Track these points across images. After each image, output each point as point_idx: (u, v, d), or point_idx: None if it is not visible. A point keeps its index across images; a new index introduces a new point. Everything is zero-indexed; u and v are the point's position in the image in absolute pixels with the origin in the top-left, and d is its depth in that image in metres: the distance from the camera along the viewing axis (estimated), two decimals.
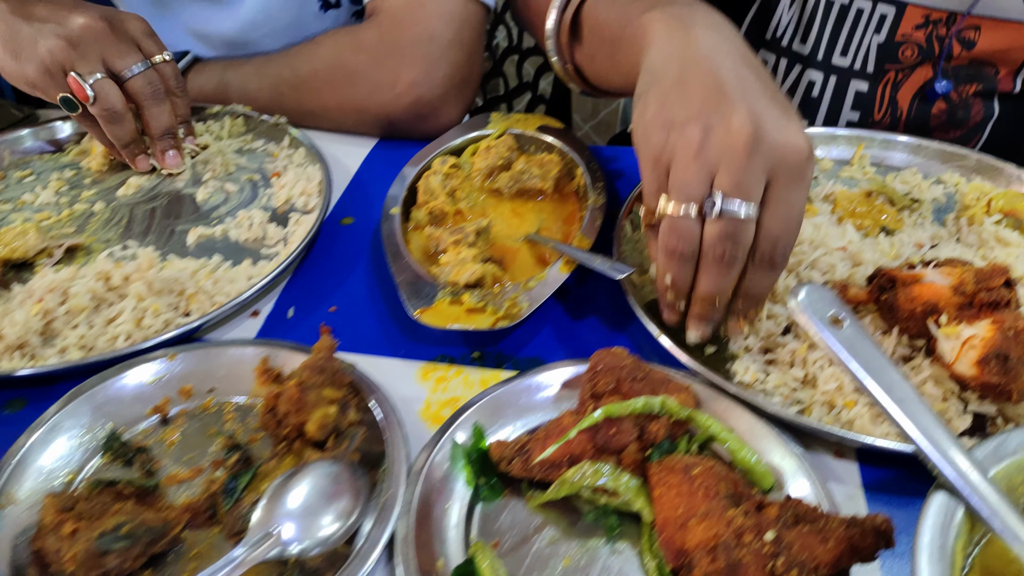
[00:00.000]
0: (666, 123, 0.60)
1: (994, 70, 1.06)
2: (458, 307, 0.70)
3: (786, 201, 0.57)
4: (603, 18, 0.79)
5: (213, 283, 0.76)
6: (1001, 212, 0.78)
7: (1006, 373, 0.58)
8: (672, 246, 0.60)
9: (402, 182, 0.86)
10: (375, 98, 0.97)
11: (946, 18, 1.01)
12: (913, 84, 1.06)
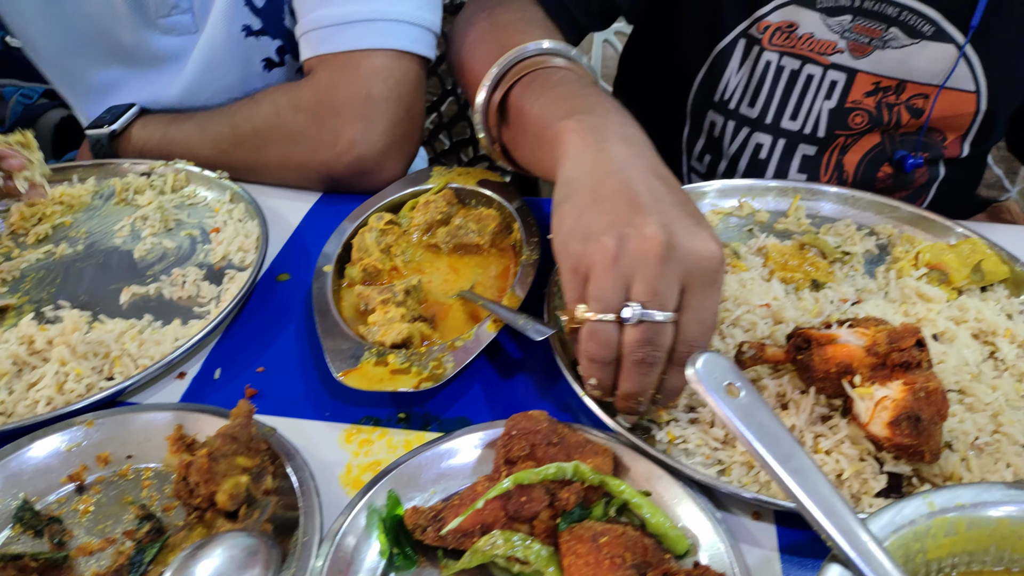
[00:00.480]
0: (583, 234, 0.61)
1: (942, 137, 1.08)
2: (383, 368, 0.70)
3: (700, 306, 0.59)
4: (527, 110, 0.79)
5: (139, 345, 0.75)
6: (927, 265, 0.79)
7: (918, 434, 0.58)
8: (592, 352, 0.61)
9: (337, 239, 0.86)
10: (316, 156, 0.98)
11: (896, 86, 1.03)
12: (860, 149, 1.08)
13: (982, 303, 0.76)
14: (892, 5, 0.97)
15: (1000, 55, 1.00)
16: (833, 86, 1.03)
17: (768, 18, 1.01)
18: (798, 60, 1.03)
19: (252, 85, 1.07)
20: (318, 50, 0.97)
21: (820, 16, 1.00)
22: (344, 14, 0.95)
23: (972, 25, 0.96)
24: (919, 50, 0.99)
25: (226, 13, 1.03)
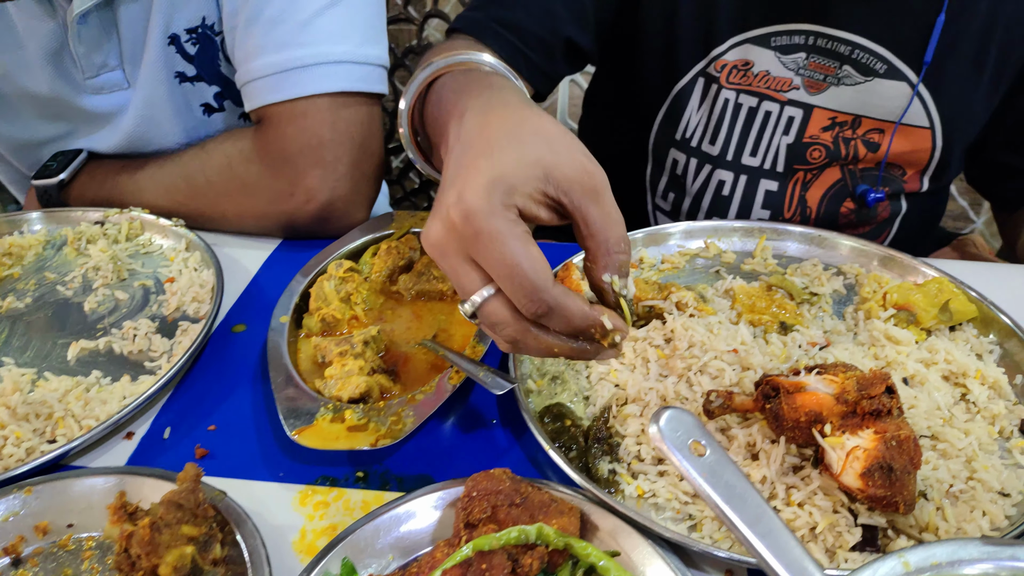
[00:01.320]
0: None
1: (901, 171, 1.09)
2: (339, 425, 0.67)
3: (492, 259, 0.53)
4: (434, 115, 0.73)
5: (84, 405, 0.72)
6: (895, 306, 0.78)
7: (891, 485, 0.56)
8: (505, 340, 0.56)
9: (295, 288, 0.84)
10: (275, 206, 0.95)
11: (852, 120, 1.03)
12: (822, 184, 1.08)
13: (951, 343, 0.75)
14: (844, 43, 0.98)
15: (952, 93, 1.01)
16: (790, 122, 1.04)
17: (724, 57, 1.02)
18: (755, 97, 1.03)
19: (195, 131, 1.06)
20: (263, 100, 0.95)
21: (775, 54, 1.01)
22: (284, 61, 0.93)
23: (925, 62, 0.97)
24: (873, 87, 0.99)
25: (158, 64, 1.01)
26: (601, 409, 0.71)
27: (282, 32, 0.93)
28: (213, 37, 1.02)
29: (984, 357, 0.75)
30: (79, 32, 0.97)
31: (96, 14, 0.97)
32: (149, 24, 0.98)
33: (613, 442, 0.68)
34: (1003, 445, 0.67)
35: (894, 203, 1.12)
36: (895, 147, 1.04)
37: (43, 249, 0.98)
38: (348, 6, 0.95)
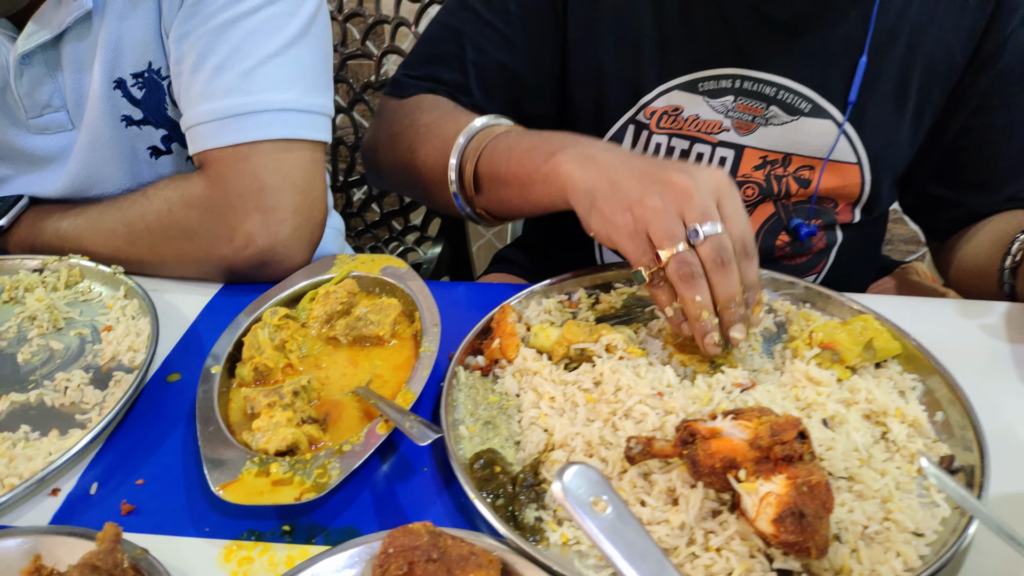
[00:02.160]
0: (624, 208, 0.76)
1: (833, 204, 1.12)
2: (264, 479, 0.67)
3: (734, 209, 0.75)
4: (502, 171, 0.91)
5: (8, 462, 0.71)
6: (820, 344, 0.80)
7: (803, 530, 0.57)
8: (686, 274, 0.73)
9: (229, 336, 0.84)
10: (215, 251, 0.95)
11: (782, 159, 1.06)
12: (757, 220, 1.11)
13: (874, 381, 0.77)
14: (770, 85, 1.01)
15: (877, 129, 1.04)
16: (723, 162, 1.06)
17: (653, 104, 1.04)
18: (687, 140, 1.06)
19: (141, 174, 1.06)
20: (206, 145, 0.96)
21: (703, 99, 1.03)
22: (228, 107, 0.94)
23: (849, 102, 1.00)
24: (800, 125, 1.02)
25: (103, 106, 1.01)
26: (530, 454, 0.72)
27: (227, 79, 0.95)
28: (160, 81, 1.02)
29: (907, 394, 0.77)
30: (21, 72, 0.98)
31: (40, 55, 0.98)
32: (94, 67, 0.99)
33: (540, 489, 0.68)
34: (921, 483, 0.68)
35: (829, 234, 1.15)
36: (825, 182, 1.07)
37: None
38: (293, 56, 0.96)
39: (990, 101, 1.07)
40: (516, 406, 0.77)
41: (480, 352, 0.84)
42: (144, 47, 1.00)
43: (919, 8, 1.01)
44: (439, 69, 1.09)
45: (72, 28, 0.97)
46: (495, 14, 1.07)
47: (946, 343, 0.83)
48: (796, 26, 1.01)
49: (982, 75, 1.05)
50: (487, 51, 1.07)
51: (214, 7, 0.94)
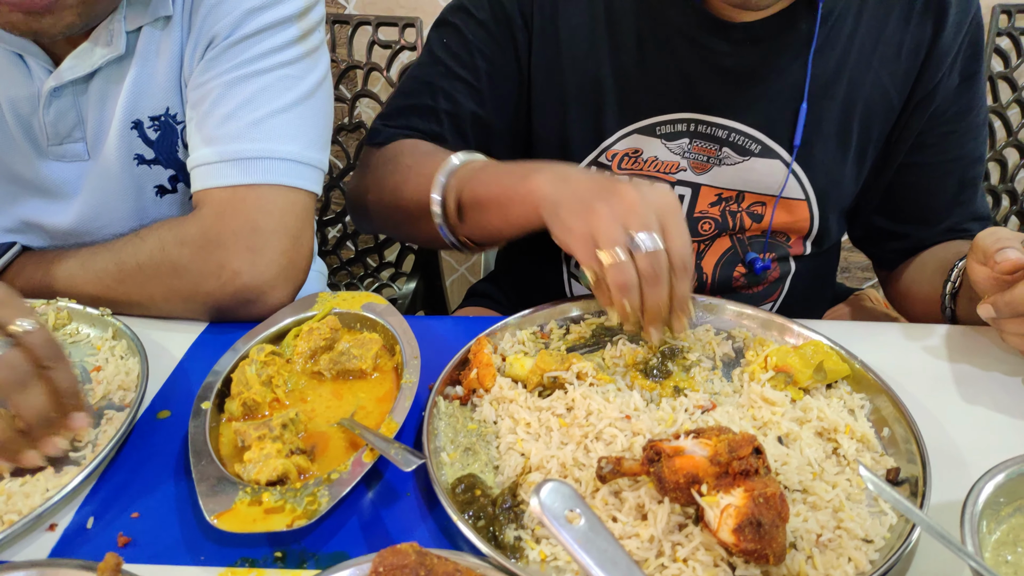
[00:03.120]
0: (580, 214, 0.83)
1: (786, 238, 1.19)
2: (257, 508, 0.70)
3: (676, 229, 0.82)
4: (484, 196, 0.98)
5: (7, 499, 0.74)
6: (775, 368, 0.86)
7: (761, 539, 0.62)
8: (621, 283, 0.80)
9: (217, 373, 0.88)
10: (201, 287, 0.99)
11: (736, 196, 1.13)
12: (715, 253, 1.18)
13: (825, 401, 0.83)
14: (722, 128, 1.08)
15: (822, 168, 1.12)
16: (681, 199, 1.13)
17: (614, 147, 1.12)
18: (647, 180, 1.13)
19: (146, 211, 1.11)
20: (207, 183, 1.01)
21: (661, 141, 1.11)
22: (233, 151, 1.00)
23: (795, 145, 1.08)
24: (751, 165, 1.10)
25: (119, 143, 1.07)
26: (509, 478, 0.76)
27: (235, 127, 1.01)
28: (174, 125, 1.09)
29: (855, 412, 0.83)
30: (51, 102, 1.03)
31: (70, 88, 1.04)
32: (117, 107, 1.05)
33: (519, 510, 0.73)
34: (870, 494, 0.74)
35: (783, 265, 1.22)
36: (777, 218, 1.14)
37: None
38: (299, 114, 1.03)
39: (926, 140, 1.16)
40: (494, 432, 0.82)
41: (458, 382, 0.89)
42: (164, 93, 1.06)
43: (856, 57, 1.10)
44: (415, 119, 1.15)
45: (103, 68, 1.03)
46: (464, 68, 1.14)
47: (892, 364, 0.90)
48: (744, 75, 1.09)
49: (917, 117, 1.14)
50: (459, 102, 1.14)
51: (232, 63, 1.01)
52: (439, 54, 1.16)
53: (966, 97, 1.15)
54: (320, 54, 1.08)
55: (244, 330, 0.96)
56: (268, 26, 1.01)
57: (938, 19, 1.09)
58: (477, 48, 1.14)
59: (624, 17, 1.10)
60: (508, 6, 1.12)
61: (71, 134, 1.06)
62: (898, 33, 1.10)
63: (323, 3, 1.10)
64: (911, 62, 1.11)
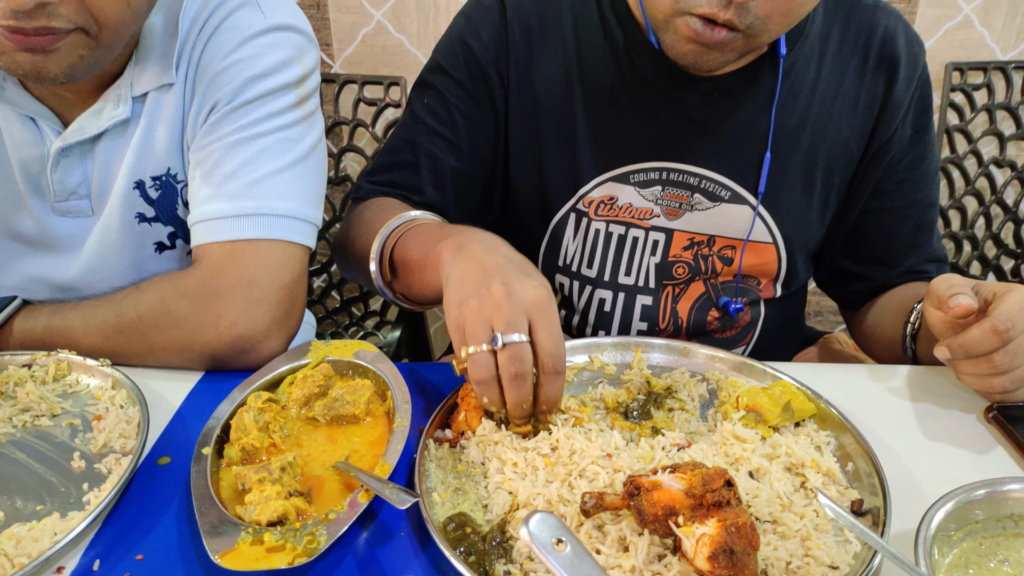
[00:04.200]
0: (458, 303, 0.85)
1: (756, 281, 1.26)
2: (259, 547, 0.74)
3: (546, 326, 0.82)
4: (409, 256, 1.02)
5: (16, 543, 0.77)
6: (746, 408, 0.91)
7: (734, 565, 0.67)
8: (478, 376, 0.82)
9: (217, 420, 0.91)
10: (198, 337, 1.04)
11: (707, 240, 1.20)
12: (689, 298, 1.24)
13: (793, 439, 0.88)
14: (693, 176, 1.16)
15: (788, 213, 1.19)
16: (656, 244, 1.20)
17: (591, 194, 1.19)
18: (623, 226, 1.20)
19: (144, 265, 1.16)
20: (208, 238, 1.06)
21: (635, 189, 1.18)
22: (233, 208, 1.05)
23: (760, 191, 1.15)
24: (721, 210, 1.17)
25: (122, 202, 1.12)
26: (497, 515, 0.80)
27: (235, 186, 1.07)
28: (175, 185, 1.15)
29: (822, 448, 0.88)
30: (58, 161, 1.09)
31: (78, 148, 1.10)
32: (121, 167, 1.11)
33: (507, 545, 0.77)
34: (836, 525, 0.79)
35: (754, 309, 1.28)
36: (746, 261, 1.21)
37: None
38: (296, 174, 1.10)
39: (883, 187, 1.24)
40: (482, 472, 0.86)
41: (448, 426, 0.93)
42: (166, 154, 1.12)
43: (817, 110, 1.18)
44: (396, 175, 1.22)
45: (109, 130, 1.09)
46: (443, 125, 1.21)
47: (857, 403, 0.96)
48: (712, 125, 1.17)
49: (874, 166, 1.22)
50: (438, 158, 1.21)
51: (234, 127, 1.07)
52: (420, 114, 1.23)
53: (919, 147, 1.23)
54: (316, 118, 1.15)
55: (239, 379, 1.00)
56: (268, 92, 1.08)
57: (890, 76, 1.18)
58: (455, 106, 1.21)
59: (597, 71, 1.18)
60: (484, 64, 1.19)
61: (76, 191, 1.11)
62: (854, 88, 1.19)
63: (319, 71, 1.18)
64: (867, 115, 1.20)
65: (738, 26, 0.96)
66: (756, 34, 0.99)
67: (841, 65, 1.18)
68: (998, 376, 0.91)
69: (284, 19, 1.11)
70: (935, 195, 1.29)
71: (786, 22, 1.00)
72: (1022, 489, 0.72)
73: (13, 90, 1.05)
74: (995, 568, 0.69)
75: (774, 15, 0.97)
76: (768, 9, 0.96)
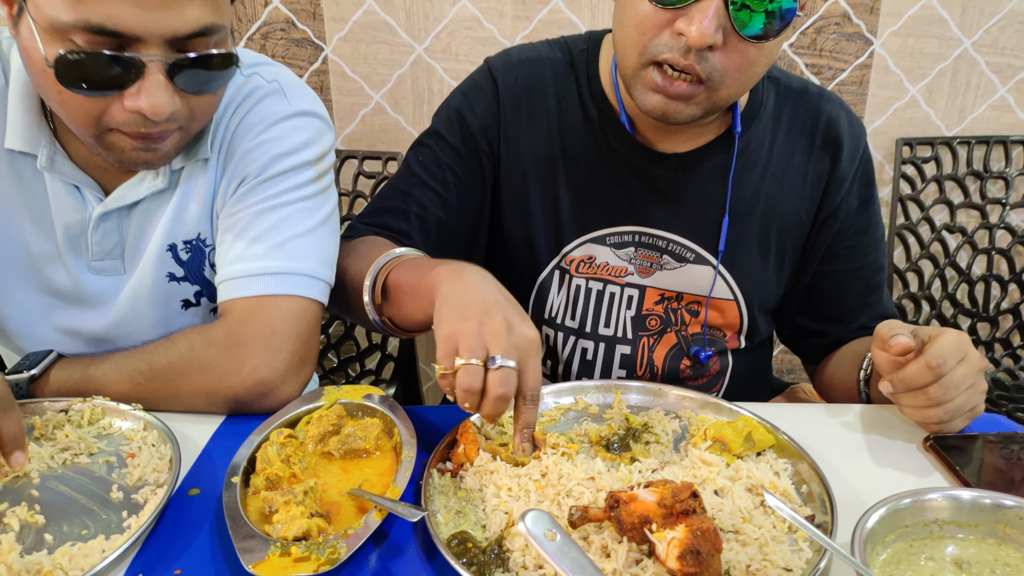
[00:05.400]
0: (456, 319, 0.95)
1: (722, 333, 1.39)
2: (287, 558, 0.84)
3: (532, 366, 0.94)
4: (402, 281, 1.15)
5: (69, 559, 0.86)
6: (712, 438, 1.03)
7: (700, 564, 0.78)
8: (467, 383, 0.92)
9: (243, 453, 1.02)
10: (223, 382, 1.15)
11: (675, 296, 1.34)
12: (664, 347, 1.37)
13: (754, 464, 1.00)
14: (661, 239, 1.31)
15: (746, 273, 1.34)
16: (631, 299, 1.34)
17: (572, 254, 1.33)
18: (601, 282, 1.34)
19: (170, 321, 1.28)
20: (234, 294, 1.19)
21: (611, 249, 1.32)
22: (258, 268, 1.19)
23: (720, 252, 1.30)
24: (687, 270, 1.32)
25: (154, 262, 1.25)
26: (495, 532, 0.91)
27: (260, 248, 1.21)
28: (204, 248, 1.28)
29: (780, 474, 1.00)
30: (99, 224, 1.22)
31: (116, 213, 1.23)
32: (155, 231, 1.25)
33: (505, 556, 0.87)
34: (792, 537, 0.90)
35: (722, 359, 1.41)
36: (711, 316, 1.35)
37: None
38: (315, 238, 1.24)
39: (834, 252, 1.39)
40: (480, 497, 0.97)
41: (448, 459, 1.04)
42: (197, 221, 1.26)
43: (770, 183, 1.34)
44: (388, 219, 1.36)
45: (147, 198, 1.23)
46: (435, 181, 1.36)
47: (813, 437, 1.08)
48: (677, 195, 1.32)
49: (824, 233, 1.37)
50: (428, 208, 1.35)
51: (260, 197, 1.22)
52: (414, 168, 1.38)
53: (864, 216, 1.39)
54: (332, 190, 1.29)
55: (259, 421, 1.11)
56: (291, 168, 1.22)
57: (834, 154, 1.34)
58: (447, 166, 1.36)
59: (577, 146, 1.33)
60: (477, 137, 1.35)
61: (112, 251, 1.24)
62: (803, 165, 1.35)
63: (334, 150, 1.33)
64: (815, 188, 1.36)
65: (699, 73, 1.11)
66: (715, 87, 1.13)
67: (791, 145, 1.35)
68: (934, 408, 1.04)
69: (306, 106, 1.27)
70: (882, 259, 1.45)
71: (741, 79, 1.14)
72: (939, 498, 0.84)
73: (62, 162, 1.19)
74: (923, 565, 0.80)
75: (730, 69, 1.12)
76: (724, 62, 1.11)
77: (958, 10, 2.26)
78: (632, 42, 1.13)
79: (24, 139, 1.15)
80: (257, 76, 1.26)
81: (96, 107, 1.02)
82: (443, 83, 2.35)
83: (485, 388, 0.92)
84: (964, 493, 0.84)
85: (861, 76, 2.33)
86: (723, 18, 1.05)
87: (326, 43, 2.33)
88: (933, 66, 2.32)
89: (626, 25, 1.14)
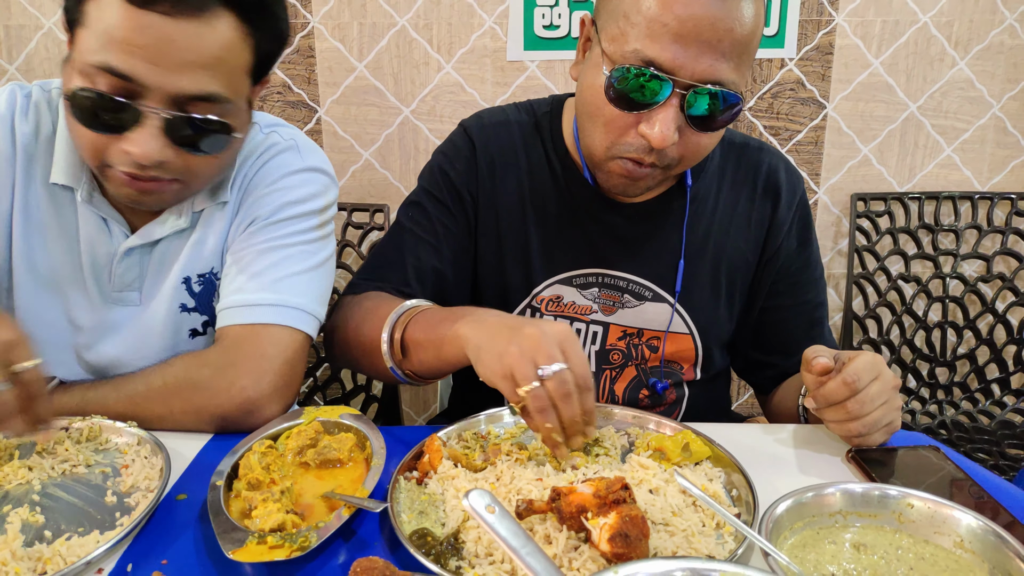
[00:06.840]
0: (497, 357, 1.04)
1: (679, 366, 1.51)
2: (263, 546, 0.94)
3: (575, 353, 1.03)
4: (422, 338, 1.24)
5: (67, 549, 0.96)
6: (652, 448, 1.14)
7: (628, 546, 0.88)
8: (538, 406, 1.01)
9: (228, 461, 1.12)
10: (213, 400, 1.26)
11: (636, 332, 1.46)
12: (624, 380, 1.49)
13: (690, 471, 1.10)
14: (622, 279, 1.43)
15: (700, 309, 1.46)
16: (595, 335, 1.46)
17: (542, 294, 1.46)
18: (568, 320, 1.46)
19: (178, 348, 1.40)
20: (231, 321, 1.31)
21: (576, 290, 1.45)
22: (257, 299, 1.32)
23: (676, 291, 1.42)
24: (646, 307, 1.44)
25: (170, 295, 1.38)
26: (452, 528, 1.01)
27: (260, 282, 1.34)
28: (215, 281, 1.41)
29: (713, 480, 1.11)
30: (123, 258, 1.35)
31: (139, 249, 1.36)
32: (174, 266, 1.38)
33: (459, 546, 0.97)
34: (719, 532, 1.00)
35: (679, 389, 1.52)
36: (668, 349, 1.46)
37: (16, 450, 1.23)
38: (310, 277, 1.37)
39: (778, 288, 1.52)
40: (441, 499, 1.07)
41: (415, 468, 1.15)
42: (212, 257, 1.40)
43: (718, 227, 1.48)
44: (387, 273, 1.48)
45: (168, 236, 1.37)
46: (427, 233, 1.49)
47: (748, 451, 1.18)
48: (636, 241, 1.46)
49: (768, 271, 1.51)
50: (423, 259, 1.48)
51: (266, 237, 1.36)
52: (407, 224, 1.51)
53: (803, 256, 1.53)
54: (331, 239, 1.44)
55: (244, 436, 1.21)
56: (298, 215, 1.37)
57: (774, 201, 1.49)
58: (437, 218, 1.49)
59: (544, 196, 1.48)
60: (460, 191, 1.49)
61: (132, 284, 1.37)
62: (747, 210, 1.49)
63: (336, 204, 1.48)
64: (759, 231, 1.50)
65: (658, 164, 1.26)
66: (672, 168, 1.30)
67: (735, 193, 1.49)
68: (853, 421, 1.15)
69: (316, 163, 1.44)
70: (822, 296, 1.58)
71: (696, 160, 1.32)
72: (836, 492, 0.95)
73: (98, 198, 1.33)
74: (827, 547, 0.91)
75: (687, 155, 1.28)
76: (682, 151, 1.26)
77: (903, 77, 2.45)
78: (600, 139, 1.28)
79: (67, 174, 1.31)
80: (276, 134, 1.44)
81: (99, 142, 1.17)
82: (428, 142, 2.52)
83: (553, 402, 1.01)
84: (857, 487, 0.95)
85: (816, 137, 2.51)
86: (680, 119, 1.20)
87: (320, 105, 2.50)
88: (883, 128, 2.50)
89: (595, 121, 1.28)
